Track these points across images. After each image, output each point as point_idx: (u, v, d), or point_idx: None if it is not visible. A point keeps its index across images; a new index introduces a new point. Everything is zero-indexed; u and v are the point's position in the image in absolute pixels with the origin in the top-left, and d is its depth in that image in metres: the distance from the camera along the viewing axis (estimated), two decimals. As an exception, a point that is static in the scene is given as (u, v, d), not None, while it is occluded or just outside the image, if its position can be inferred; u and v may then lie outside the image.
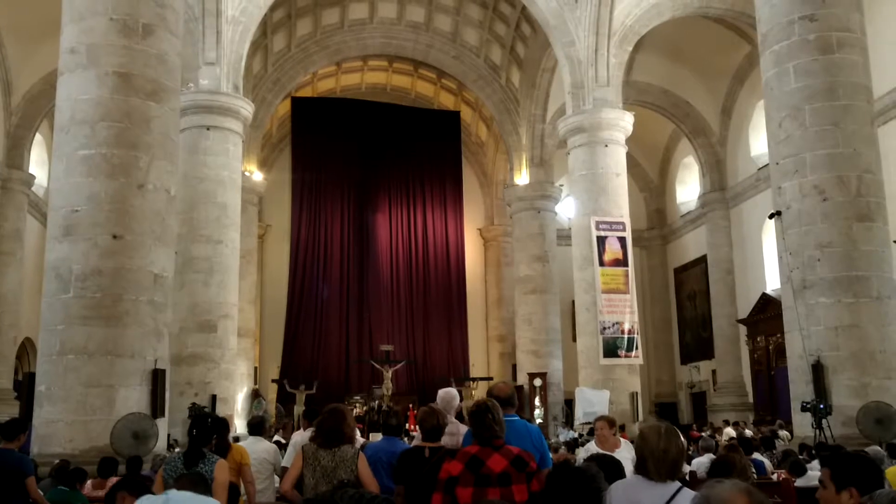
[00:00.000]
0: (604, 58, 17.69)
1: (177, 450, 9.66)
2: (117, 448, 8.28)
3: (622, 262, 17.29)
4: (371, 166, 27.24)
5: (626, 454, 5.98)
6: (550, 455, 5.04)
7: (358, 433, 6.46)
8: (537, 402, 22.21)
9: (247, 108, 16.72)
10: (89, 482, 6.34)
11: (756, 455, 9.27)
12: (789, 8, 10.96)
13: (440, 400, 5.79)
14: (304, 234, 26.49)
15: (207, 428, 5.13)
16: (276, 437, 13.74)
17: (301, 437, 6.58)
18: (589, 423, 16.09)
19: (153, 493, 3.08)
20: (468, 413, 4.27)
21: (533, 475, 3.92)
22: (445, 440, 5.10)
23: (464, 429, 5.43)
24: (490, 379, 26.26)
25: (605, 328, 16.81)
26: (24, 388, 15.88)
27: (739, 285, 22.83)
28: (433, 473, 4.12)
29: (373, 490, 4.43)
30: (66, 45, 9.37)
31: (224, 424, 6.07)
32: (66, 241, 8.88)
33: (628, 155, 18.69)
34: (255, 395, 22.44)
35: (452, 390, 5.98)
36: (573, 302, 19.46)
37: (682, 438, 3.56)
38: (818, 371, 10.28)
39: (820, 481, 2.91)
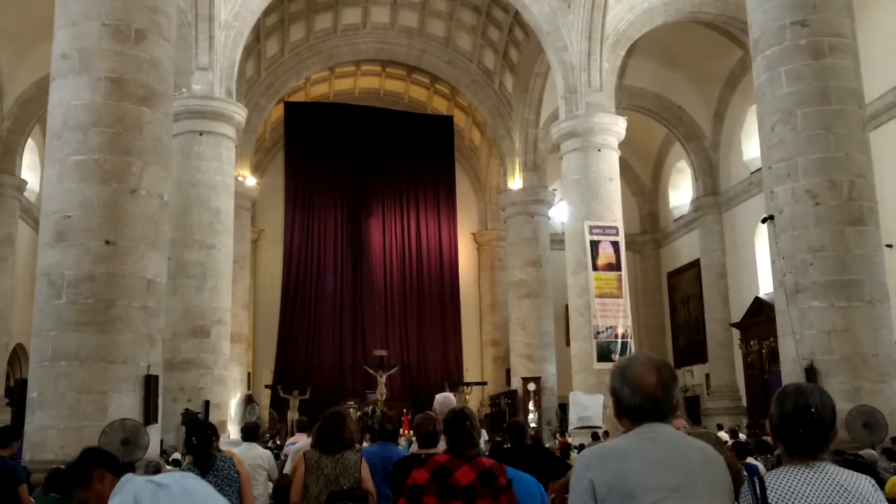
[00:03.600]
0: (596, 63, 17.75)
1: (185, 462, 9.53)
2: (108, 455, 8.21)
3: (615, 267, 17.32)
4: (364, 171, 27.25)
5: None
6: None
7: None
8: (531, 406, 22.20)
9: (240, 113, 16.70)
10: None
11: (750, 459, 9.27)
12: (781, 13, 11.00)
13: (437, 405, 5.76)
14: (297, 238, 26.47)
15: (206, 433, 5.05)
16: (270, 443, 13.72)
17: (302, 444, 6.52)
18: (583, 427, 16.14)
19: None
20: (444, 420, 4.15)
21: (501, 491, 3.77)
22: (443, 446, 5.05)
23: None
24: (484, 384, 26.33)
25: (598, 332, 16.83)
26: (16, 394, 15.79)
27: (732, 289, 22.88)
28: (400, 477, 4.06)
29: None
30: (58, 50, 9.33)
31: (212, 429, 6.01)
32: (58, 246, 8.84)
33: (621, 159, 18.74)
34: (249, 401, 22.38)
35: (450, 395, 5.95)
36: (567, 306, 19.49)
37: None
38: (811, 375, 10.30)
39: None
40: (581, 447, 13.02)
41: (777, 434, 2.35)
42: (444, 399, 5.83)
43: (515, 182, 24.33)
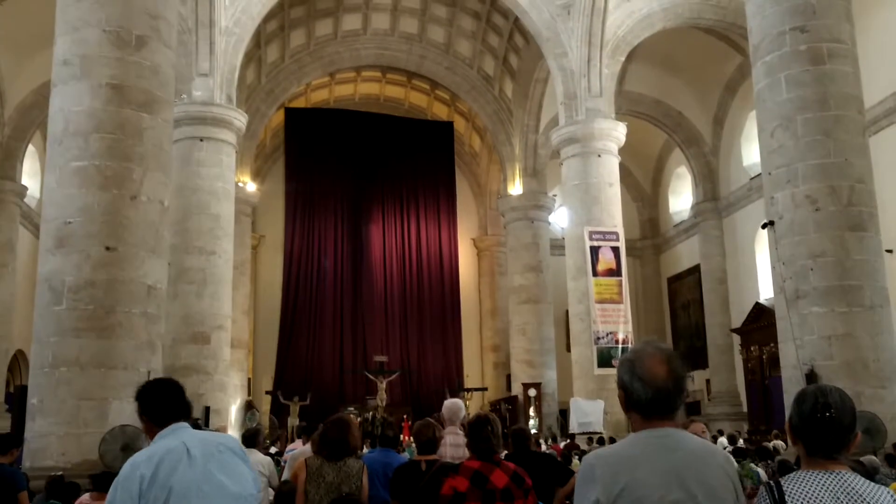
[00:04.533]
0: (596, 68, 17.78)
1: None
2: (107, 462, 8.22)
3: (616, 272, 17.32)
4: (365, 177, 27.27)
5: None
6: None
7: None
8: (532, 412, 22.18)
9: (240, 119, 16.72)
10: (87, 495, 6.29)
11: (750, 464, 9.25)
12: (780, 19, 11.02)
13: (446, 410, 5.75)
14: (297, 244, 26.48)
15: None
16: (272, 449, 13.69)
17: (300, 450, 6.51)
18: (584, 433, 16.13)
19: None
20: (467, 425, 4.23)
21: (529, 491, 3.89)
22: (450, 451, 5.04)
23: None
24: (485, 389, 26.27)
25: (599, 338, 16.82)
26: (16, 400, 15.79)
27: (733, 295, 22.87)
28: (429, 488, 4.07)
29: None
30: (59, 56, 9.35)
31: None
32: (58, 252, 8.84)
33: (621, 165, 18.75)
34: (249, 407, 22.35)
35: (458, 401, 5.93)
36: (567, 312, 19.47)
37: None
38: (812, 380, 10.27)
39: None
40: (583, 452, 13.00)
41: (796, 434, 2.33)
42: (453, 405, 5.80)
43: (515, 187, 24.34)
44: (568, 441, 16.01)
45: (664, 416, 2.29)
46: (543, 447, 15.40)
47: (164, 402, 3.02)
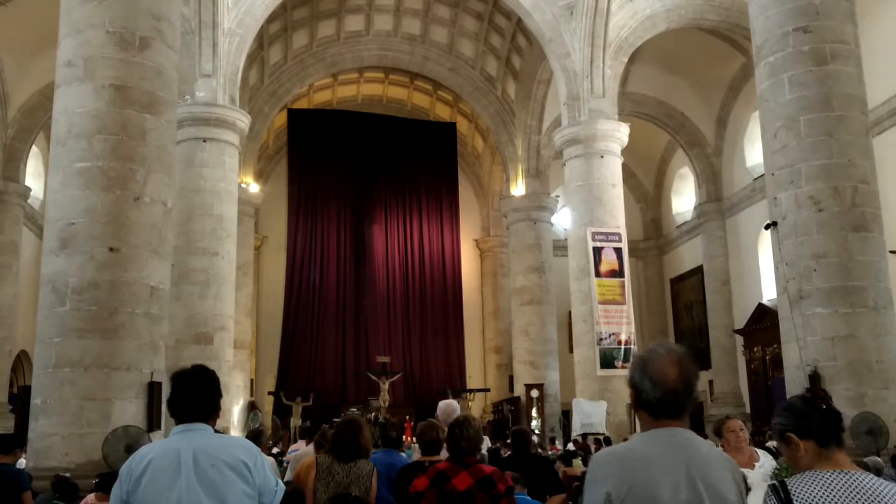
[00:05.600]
0: (599, 69, 17.77)
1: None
2: (110, 462, 8.23)
3: (618, 273, 17.31)
4: (367, 178, 27.28)
5: (758, 476, 4.78)
6: None
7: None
8: (534, 413, 22.17)
9: (243, 120, 16.73)
10: (92, 496, 6.30)
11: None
12: (783, 20, 11.02)
13: (441, 412, 5.75)
14: (300, 245, 26.49)
15: None
16: (274, 450, 13.69)
17: (303, 451, 6.50)
18: (586, 434, 16.11)
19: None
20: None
21: (500, 497, 3.82)
22: (444, 453, 5.05)
23: None
24: (487, 391, 26.26)
25: (601, 339, 16.81)
26: (20, 401, 15.82)
27: (736, 295, 22.84)
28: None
29: None
30: (63, 57, 9.36)
31: None
32: (62, 253, 8.85)
33: (624, 166, 18.74)
34: (252, 408, 22.34)
35: (453, 402, 5.93)
36: (570, 313, 19.46)
37: None
38: (815, 381, 10.28)
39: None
40: (575, 454, 12.98)
41: (801, 435, 2.37)
42: (447, 406, 5.81)
43: (518, 188, 24.34)
44: (574, 442, 15.97)
45: (673, 417, 2.29)
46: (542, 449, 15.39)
47: (181, 399, 2.94)
